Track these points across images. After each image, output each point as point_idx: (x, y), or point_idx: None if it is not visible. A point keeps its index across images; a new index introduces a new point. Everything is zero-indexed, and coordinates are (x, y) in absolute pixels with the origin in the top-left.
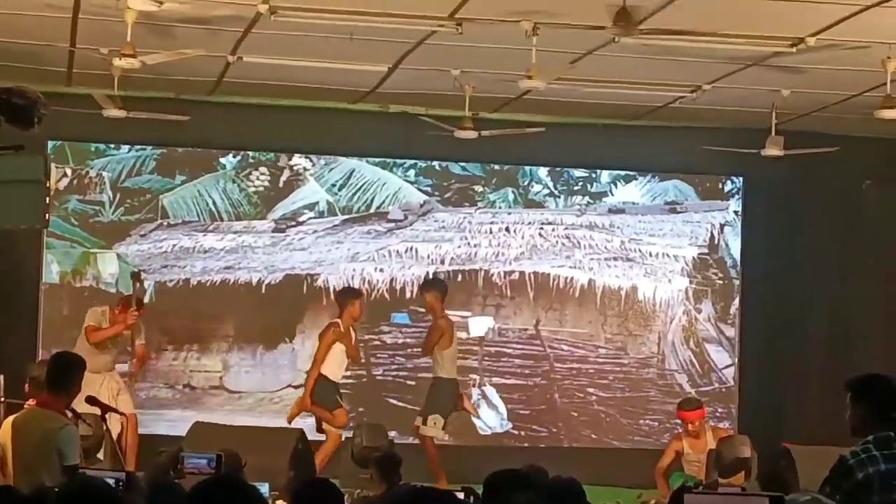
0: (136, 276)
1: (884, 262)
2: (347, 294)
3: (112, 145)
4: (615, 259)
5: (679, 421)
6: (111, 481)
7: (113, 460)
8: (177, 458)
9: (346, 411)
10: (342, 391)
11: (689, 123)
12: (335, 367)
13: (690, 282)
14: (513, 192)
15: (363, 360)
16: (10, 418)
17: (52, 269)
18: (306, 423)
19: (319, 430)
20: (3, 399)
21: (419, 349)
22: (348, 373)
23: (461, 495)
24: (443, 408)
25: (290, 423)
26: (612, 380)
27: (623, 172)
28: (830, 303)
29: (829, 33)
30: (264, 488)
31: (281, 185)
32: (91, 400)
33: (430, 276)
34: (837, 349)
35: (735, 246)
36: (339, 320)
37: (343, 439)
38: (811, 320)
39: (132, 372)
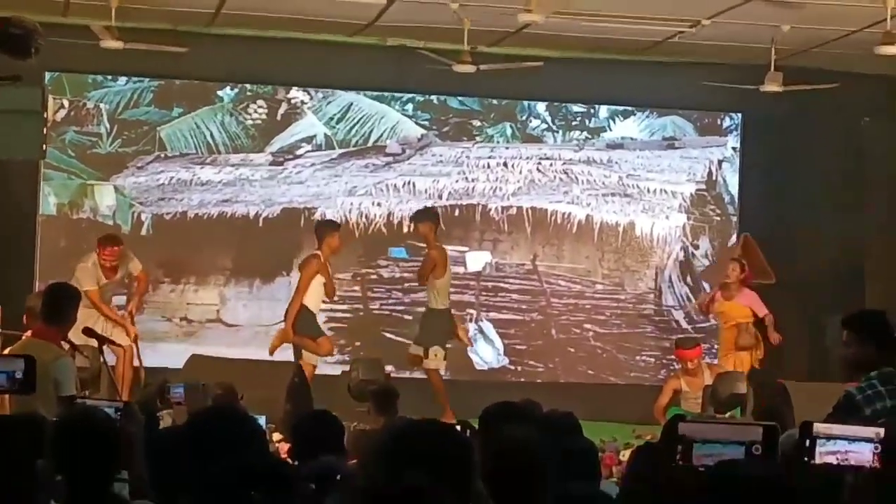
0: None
1: (882, 198)
2: (326, 226)
3: (109, 77)
4: (613, 195)
5: (676, 358)
6: (109, 411)
7: (110, 392)
8: (164, 389)
9: (329, 339)
10: (338, 325)
11: (688, 59)
12: (316, 298)
13: (688, 218)
14: (511, 126)
15: (360, 295)
16: (7, 350)
17: (50, 201)
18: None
19: (297, 359)
20: (0, 331)
21: (416, 283)
22: (345, 307)
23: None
24: (441, 338)
25: (271, 354)
26: (609, 315)
27: (621, 108)
28: (828, 239)
29: None
30: (261, 420)
31: (278, 117)
32: (88, 331)
33: (421, 208)
34: (836, 286)
35: (733, 182)
36: (318, 252)
37: (315, 369)
38: (809, 257)
39: (130, 308)
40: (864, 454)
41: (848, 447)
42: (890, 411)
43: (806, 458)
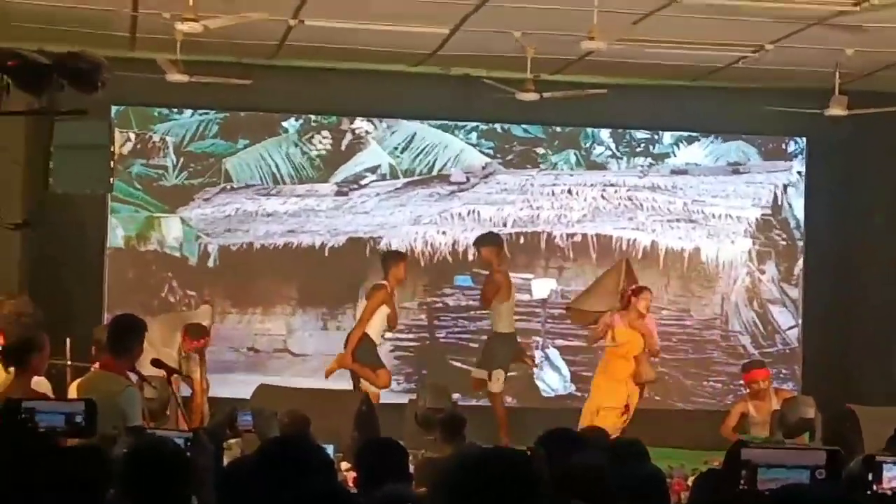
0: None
1: None
2: (392, 256)
3: (175, 110)
4: (678, 220)
5: (743, 383)
6: (179, 441)
7: (178, 423)
8: (232, 417)
9: (388, 372)
10: (405, 353)
11: (751, 84)
12: (377, 328)
13: (754, 243)
14: (575, 153)
15: (426, 324)
16: (76, 381)
17: (117, 234)
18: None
19: (356, 387)
20: (69, 362)
21: (482, 310)
22: (412, 335)
23: None
24: (504, 362)
25: (327, 377)
26: (676, 341)
27: (685, 133)
28: (894, 262)
29: None
30: (329, 450)
31: (343, 148)
32: (157, 362)
33: (484, 232)
34: None
35: (798, 207)
36: (385, 282)
37: (378, 398)
38: (875, 281)
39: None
40: None
41: None
42: None
43: (869, 490)
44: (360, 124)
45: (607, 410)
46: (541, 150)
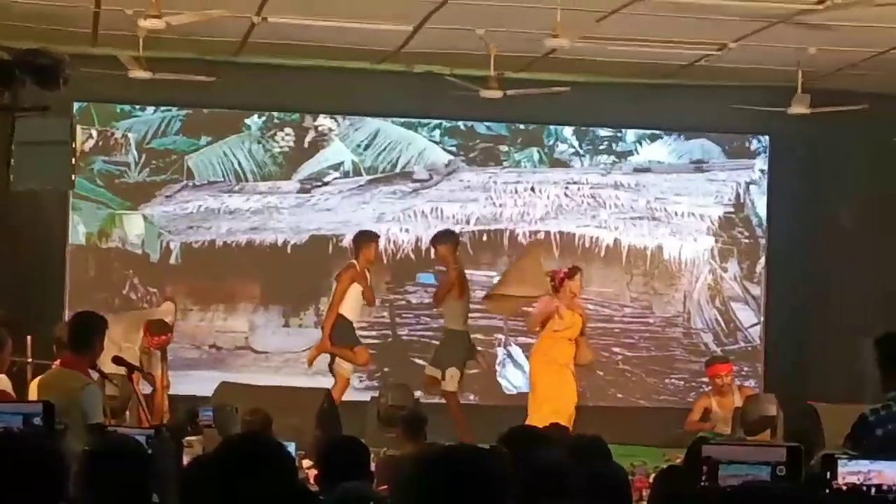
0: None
1: None
2: (363, 236)
3: (137, 106)
4: (641, 218)
5: (706, 380)
6: (141, 438)
7: (139, 420)
8: (194, 414)
9: (366, 349)
10: (370, 344)
11: (715, 82)
12: (353, 307)
13: (716, 241)
14: (538, 151)
15: (389, 321)
16: (37, 379)
17: (79, 231)
18: (331, 382)
19: (331, 368)
20: (30, 360)
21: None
22: (374, 332)
23: None
24: (458, 360)
25: (309, 365)
26: (638, 339)
27: (649, 131)
28: (857, 261)
29: None
30: (291, 447)
31: (306, 145)
32: (118, 360)
33: (440, 230)
34: (864, 307)
35: (761, 205)
36: (355, 262)
37: (349, 382)
38: (837, 278)
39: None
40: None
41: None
42: None
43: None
44: (323, 121)
45: (562, 400)
46: (504, 148)
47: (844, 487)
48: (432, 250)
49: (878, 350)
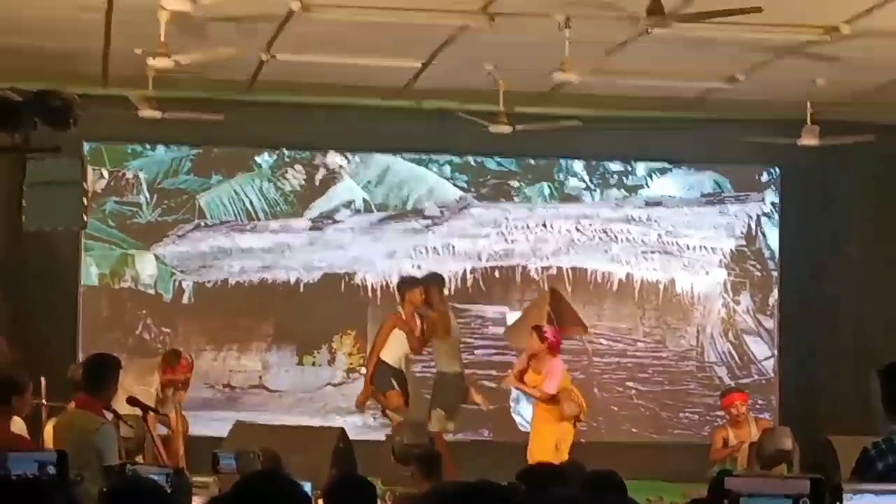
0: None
1: None
2: (406, 283)
3: (148, 146)
4: (653, 252)
5: (720, 414)
6: (159, 478)
7: (155, 460)
8: (214, 460)
9: (400, 395)
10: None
11: (724, 115)
12: (394, 353)
13: (728, 274)
14: (549, 186)
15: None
16: (52, 421)
17: (91, 272)
18: (346, 421)
19: (384, 414)
20: (45, 402)
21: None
22: None
23: None
24: (445, 402)
25: (357, 407)
26: (652, 373)
27: (659, 165)
28: (870, 292)
29: (862, 20)
30: (307, 487)
31: (317, 183)
32: (132, 400)
33: (404, 277)
34: (877, 339)
35: (773, 237)
36: (400, 310)
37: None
38: (850, 310)
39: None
40: None
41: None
42: None
43: None
44: (334, 158)
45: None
46: (514, 183)
47: None
48: (453, 290)
49: (881, 381)
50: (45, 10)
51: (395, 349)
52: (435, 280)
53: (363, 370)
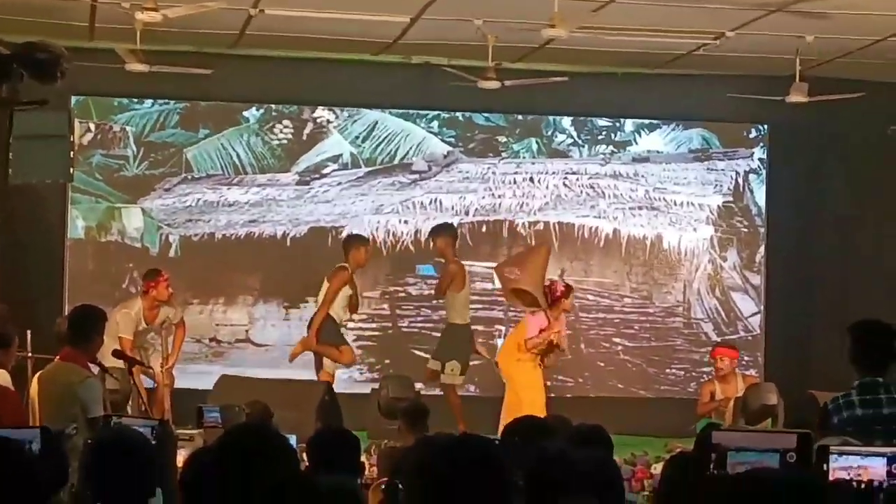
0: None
1: None
2: (352, 240)
3: (135, 100)
4: (640, 208)
5: (706, 370)
6: (144, 430)
7: (141, 414)
8: (198, 413)
9: (352, 348)
10: (368, 343)
11: (712, 71)
12: (340, 309)
13: (716, 230)
14: (536, 142)
15: (389, 313)
16: (37, 375)
17: (78, 225)
18: (341, 375)
19: (318, 370)
20: (31, 355)
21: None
22: (374, 325)
23: None
24: (459, 353)
25: (291, 361)
26: (638, 329)
27: (647, 121)
28: (856, 249)
29: None
30: (292, 440)
31: (304, 137)
32: (117, 353)
33: (439, 223)
34: (864, 295)
35: (760, 194)
36: (346, 264)
37: (334, 379)
38: (837, 267)
39: (170, 364)
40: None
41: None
42: (855, 420)
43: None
44: (322, 113)
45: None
46: (502, 139)
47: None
48: (431, 243)
49: (851, 337)
50: None
51: (340, 305)
52: (451, 231)
53: (350, 324)
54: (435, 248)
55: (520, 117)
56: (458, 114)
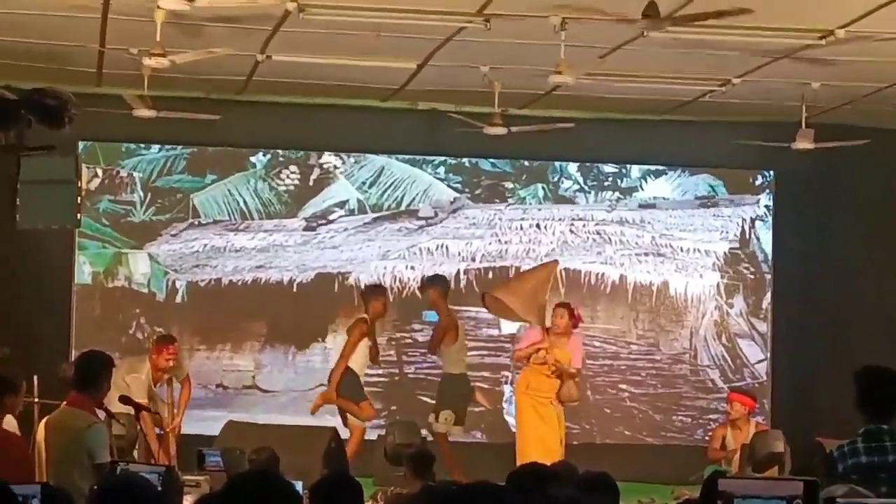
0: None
1: None
2: (371, 290)
3: (142, 145)
4: (646, 254)
5: (713, 417)
6: (151, 477)
7: (147, 459)
8: (200, 458)
9: (371, 404)
10: (374, 389)
11: (718, 118)
12: (361, 361)
13: (722, 277)
14: (543, 188)
15: (395, 359)
16: (43, 420)
17: (84, 270)
18: (338, 421)
19: (345, 424)
20: (37, 400)
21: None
22: (381, 371)
23: None
24: (453, 403)
25: (312, 414)
26: (645, 376)
27: (653, 167)
28: (862, 296)
29: (858, 25)
30: (298, 486)
31: (311, 183)
32: (125, 399)
33: (431, 274)
34: (870, 342)
35: (766, 240)
36: (366, 316)
37: (365, 432)
38: (843, 314)
39: (175, 423)
40: None
41: None
42: (860, 468)
43: None
44: (329, 159)
45: (545, 428)
46: (509, 185)
47: None
48: (421, 294)
49: (856, 384)
50: (40, 8)
51: (361, 357)
52: (442, 283)
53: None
54: (426, 299)
55: (526, 163)
56: (464, 160)
